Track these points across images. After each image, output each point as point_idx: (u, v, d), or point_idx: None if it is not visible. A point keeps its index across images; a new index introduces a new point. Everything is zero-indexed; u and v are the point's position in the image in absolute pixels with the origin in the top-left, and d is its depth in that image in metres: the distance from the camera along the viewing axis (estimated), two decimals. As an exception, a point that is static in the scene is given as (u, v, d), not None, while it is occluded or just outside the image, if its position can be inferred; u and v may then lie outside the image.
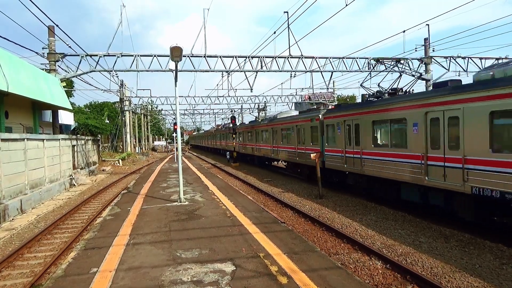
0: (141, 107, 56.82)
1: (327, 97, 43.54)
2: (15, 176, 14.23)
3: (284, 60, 24.86)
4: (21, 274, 7.81)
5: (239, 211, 10.98)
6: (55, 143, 19.83)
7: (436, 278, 6.89)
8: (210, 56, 24.14)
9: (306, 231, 10.46)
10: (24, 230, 11.52)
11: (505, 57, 27.45)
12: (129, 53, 23.19)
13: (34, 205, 15.35)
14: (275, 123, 24.68)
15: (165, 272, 6.14)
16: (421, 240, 9.21)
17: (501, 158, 8.26)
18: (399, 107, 11.79)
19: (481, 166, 8.75)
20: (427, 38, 26.84)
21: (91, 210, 14.53)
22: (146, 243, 7.88)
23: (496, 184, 8.33)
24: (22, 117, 20.00)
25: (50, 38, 21.39)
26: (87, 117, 39.42)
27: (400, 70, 26.54)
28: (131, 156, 42.95)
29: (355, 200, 14.44)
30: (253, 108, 56.84)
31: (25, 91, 16.56)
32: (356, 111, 14.42)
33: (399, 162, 11.75)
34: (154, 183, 18.45)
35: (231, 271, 6.12)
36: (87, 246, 7.85)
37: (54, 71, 21.67)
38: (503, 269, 7.28)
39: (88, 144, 28.63)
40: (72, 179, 21.77)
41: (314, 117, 18.32)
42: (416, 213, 11.76)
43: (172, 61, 11.85)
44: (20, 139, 15.02)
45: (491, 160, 8.48)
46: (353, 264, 7.77)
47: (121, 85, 41.77)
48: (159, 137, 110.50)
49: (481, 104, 8.70)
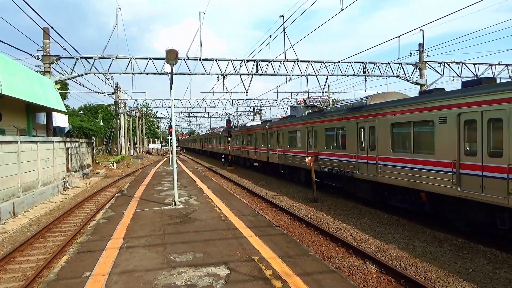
0: (136, 109, 56.64)
1: (322, 101, 43.61)
2: (8, 179, 14.10)
3: (279, 64, 24.92)
4: (13, 278, 7.72)
5: (234, 214, 10.96)
6: (49, 145, 19.69)
7: (430, 282, 6.91)
8: (206, 59, 24.12)
9: (300, 235, 10.46)
10: (16, 234, 11.40)
11: (498, 62, 27.75)
12: (124, 56, 23.11)
13: (27, 208, 15.21)
14: (243, 130, 33.62)
15: (159, 276, 6.10)
16: (415, 244, 9.24)
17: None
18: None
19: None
20: (422, 44, 27.06)
21: (84, 213, 14.42)
22: (140, 247, 7.83)
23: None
24: (16, 119, 19.84)
25: (45, 40, 21.27)
26: (81, 120, 39.12)
27: (394, 75, 26.74)
28: (126, 159, 42.73)
29: (349, 204, 14.47)
30: (249, 111, 56.91)
31: (19, 93, 16.43)
32: (280, 124, 23.22)
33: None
34: (149, 186, 18.36)
35: (226, 274, 6.10)
36: (80, 249, 7.78)
37: (48, 73, 21.53)
38: (496, 273, 7.32)
39: (82, 147, 28.46)
40: (65, 182, 21.61)
41: (263, 127, 26.59)
42: (410, 218, 11.80)
43: (168, 64, 11.85)
44: (13, 141, 14.89)
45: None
46: (348, 268, 7.77)
47: (116, 87, 41.60)
48: (154, 140, 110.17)
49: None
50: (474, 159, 8.77)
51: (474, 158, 8.79)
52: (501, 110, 8.11)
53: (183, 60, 23.42)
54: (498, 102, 8.17)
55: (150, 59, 23.26)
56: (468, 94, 9.03)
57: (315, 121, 17.52)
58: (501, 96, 8.14)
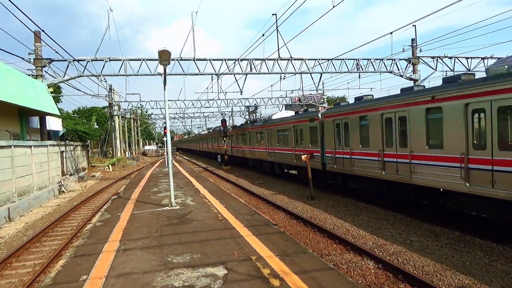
0: (131, 111, 56.42)
1: (317, 98, 43.65)
2: (2, 184, 13.98)
3: (273, 62, 24.91)
4: (9, 284, 7.66)
5: (231, 214, 10.94)
6: (43, 149, 19.55)
7: (428, 276, 6.93)
8: (200, 59, 24.07)
9: (298, 233, 10.46)
10: (12, 239, 11.31)
11: (490, 56, 27.89)
12: (117, 58, 23.00)
13: (23, 213, 15.10)
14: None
15: (156, 278, 6.07)
16: (412, 239, 9.27)
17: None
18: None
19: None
20: (414, 39, 27.14)
21: (80, 216, 14.34)
22: (137, 249, 7.79)
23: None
24: (9, 124, 19.67)
25: (36, 43, 21.11)
26: (75, 123, 38.91)
27: (388, 71, 26.80)
28: (121, 161, 42.56)
29: (346, 201, 14.49)
30: (244, 110, 56.82)
31: (11, 97, 16.31)
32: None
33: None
34: (145, 188, 18.29)
35: (223, 275, 6.08)
36: (77, 253, 7.73)
37: (41, 76, 21.38)
38: (492, 265, 7.36)
39: (77, 150, 28.31)
40: (61, 186, 21.48)
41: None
42: (407, 213, 11.84)
43: (161, 65, 11.79)
44: (6, 146, 14.77)
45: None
46: (346, 264, 7.78)
47: (110, 89, 41.40)
48: (150, 141, 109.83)
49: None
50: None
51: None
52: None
53: (176, 60, 23.35)
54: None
55: (143, 60, 23.16)
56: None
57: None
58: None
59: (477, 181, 8.73)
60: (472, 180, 8.87)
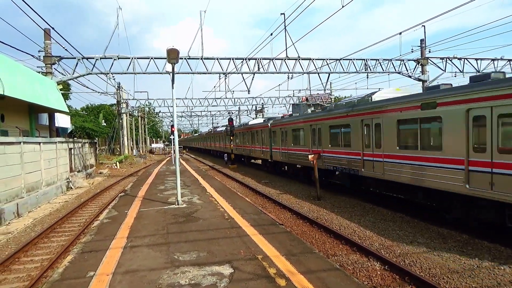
0: (138, 109, 56.71)
1: (325, 98, 43.54)
2: (11, 180, 14.14)
3: (281, 62, 24.89)
4: (17, 278, 7.75)
5: (237, 213, 10.95)
6: (52, 146, 19.73)
7: (435, 279, 6.88)
8: (207, 58, 24.14)
9: (304, 233, 10.44)
10: (20, 234, 11.43)
11: (500, 57, 27.58)
12: (125, 56, 23.15)
13: (31, 208, 15.25)
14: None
15: (162, 275, 6.10)
16: (419, 241, 9.21)
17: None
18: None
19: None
20: (423, 40, 26.93)
21: (88, 213, 14.46)
22: (144, 246, 7.84)
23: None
24: (19, 121, 19.89)
25: (46, 41, 21.32)
26: (84, 120, 39.21)
27: (396, 71, 26.63)
28: (129, 159, 42.81)
29: (353, 201, 14.43)
30: (251, 110, 56.90)
31: (21, 94, 16.47)
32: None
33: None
34: (152, 186, 18.38)
35: (229, 273, 6.09)
36: (84, 249, 7.80)
37: (50, 74, 21.60)
38: (501, 269, 7.28)
39: (85, 147, 28.52)
40: (69, 182, 21.66)
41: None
42: (414, 214, 11.75)
43: (169, 63, 11.83)
44: (16, 142, 14.93)
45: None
46: (352, 265, 7.75)
47: (118, 87, 41.66)
48: (157, 139, 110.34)
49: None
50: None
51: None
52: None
53: (184, 59, 23.45)
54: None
55: (152, 59, 23.28)
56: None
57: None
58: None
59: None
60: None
